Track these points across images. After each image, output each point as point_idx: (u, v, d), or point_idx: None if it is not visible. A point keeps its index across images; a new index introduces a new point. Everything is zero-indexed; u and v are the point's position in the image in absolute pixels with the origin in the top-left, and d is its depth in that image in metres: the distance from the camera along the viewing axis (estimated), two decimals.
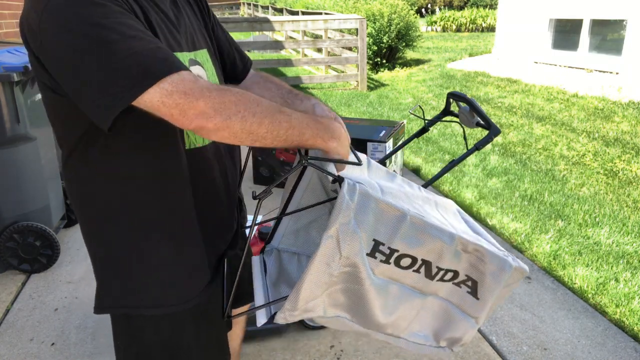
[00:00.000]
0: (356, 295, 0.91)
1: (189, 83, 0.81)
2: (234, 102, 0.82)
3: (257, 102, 0.85)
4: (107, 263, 1.05)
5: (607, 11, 7.82)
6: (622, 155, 4.61)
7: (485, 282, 0.95)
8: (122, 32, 0.80)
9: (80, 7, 0.80)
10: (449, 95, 1.69)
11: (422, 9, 28.73)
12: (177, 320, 1.07)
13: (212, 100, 0.81)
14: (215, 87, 0.84)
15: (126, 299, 1.05)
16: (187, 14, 1.09)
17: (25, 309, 2.47)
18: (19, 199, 2.69)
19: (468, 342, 1.06)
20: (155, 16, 0.95)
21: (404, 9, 10.23)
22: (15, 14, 4.87)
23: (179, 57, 0.94)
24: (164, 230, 1.02)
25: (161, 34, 0.94)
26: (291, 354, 2.15)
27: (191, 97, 0.80)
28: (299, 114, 0.90)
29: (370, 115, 6.55)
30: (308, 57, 10.33)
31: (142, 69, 0.80)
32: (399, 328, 1.00)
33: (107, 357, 2.12)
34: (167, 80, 0.80)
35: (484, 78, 8.43)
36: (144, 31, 0.85)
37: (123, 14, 0.83)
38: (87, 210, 1.04)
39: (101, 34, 0.79)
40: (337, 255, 0.85)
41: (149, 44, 0.82)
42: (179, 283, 1.06)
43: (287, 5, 19.37)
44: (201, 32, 1.12)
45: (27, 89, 2.70)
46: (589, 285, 2.65)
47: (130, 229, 1.01)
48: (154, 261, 1.03)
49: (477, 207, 3.67)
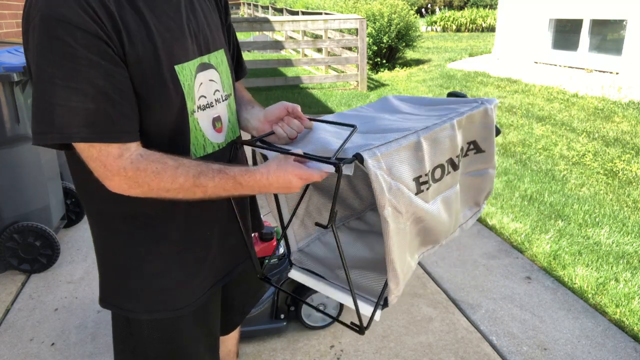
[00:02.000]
0: (427, 228, 1.02)
1: (111, 158, 0.88)
2: (147, 182, 0.89)
3: (173, 179, 0.90)
4: (108, 264, 1.08)
5: (607, 11, 7.82)
6: (622, 155, 4.61)
7: (482, 134, 1.10)
8: (70, 80, 0.83)
9: (49, 39, 0.83)
10: (449, 96, 1.69)
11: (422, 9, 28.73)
12: (173, 324, 1.10)
13: (128, 179, 0.89)
14: (134, 165, 0.88)
15: (124, 301, 1.08)
16: (204, 13, 1.07)
17: (25, 309, 2.47)
18: (19, 199, 2.69)
19: (491, 192, 1.23)
20: (153, 29, 0.92)
21: (404, 9, 10.23)
22: (15, 14, 4.87)
23: (184, 67, 0.96)
24: (163, 238, 1.04)
25: (162, 46, 0.93)
26: (291, 354, 2.15)
27: (109, 172, 0.89)
28: (218, 182, 0.92)
29: None
30: (308, 57, 10.33)
31: (77, 122, 0.84)
32: (458, 220, 1.13)
33: (107, 357, 2.12)
34: (96, 147, 0.87)
35: (484, 78, 8.43)
36: (96, 83, 0.85)
37: (86, 60, 0.84)
38: (90, 211, 1.06)
39: (53, 74, 0.83)
40: (400, 217, 0.93)
41: (90, 103, 0.85)
42: (175, 290, 1.08)
43: (287, 5, 19.37)
44: (218, 31, 1.11)
45: (27, 89, 2.70)
46: (589, 285, 2.65)
47: (129, 235, 1.03)
48: (152, 268, 1.05)
49: None
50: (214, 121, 1.06)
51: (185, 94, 0.97)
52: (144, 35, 0.90)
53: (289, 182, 0.94)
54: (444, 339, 2.25)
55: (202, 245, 1.10)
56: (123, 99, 0.88)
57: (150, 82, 0.91)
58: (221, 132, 1.08)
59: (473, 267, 2.85)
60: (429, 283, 2.69)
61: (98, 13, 0.84)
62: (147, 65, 0.91)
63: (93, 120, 0.85)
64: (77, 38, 0.82)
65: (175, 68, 0.95)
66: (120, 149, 0.88)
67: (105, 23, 0.85)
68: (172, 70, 0.94)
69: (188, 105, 0.98)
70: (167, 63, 0.93)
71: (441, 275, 2.77)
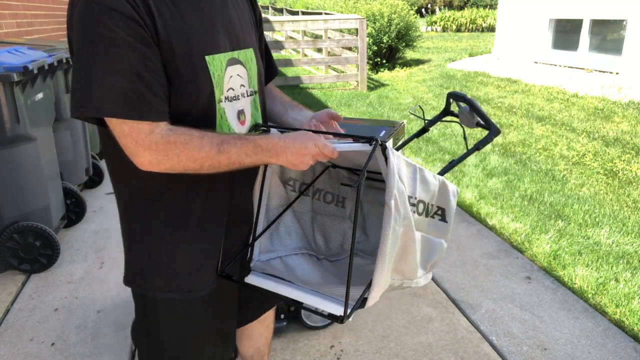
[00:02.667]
0: (405, 251, 1.04)
1: (143, 134, 0.94)
2: (177, 154, 0.96)
3: (199, 147, 0.96)
4: (131, 243, 1.15)
5: (607, 11, 7.82)
6: (622, 155, 4.61)
7: (449, 206, 1.17)
8: (108, 61, 0.91)
9: (90, 22, 0.90)
10: (448, 95, 1.69)
11: (422, 9, 28.73)
12: (184, 307, 1.16)
13: (158, 153, 0.95)
14: (164, 139, 0.95)
15: (141, 279, 1.15)
16: (238, 13, 1.14)
17: (25, 309, 2.47)
18: (19, 199, 2.69)
19: (439, 263, 1.26)
20: (187, 21, 0.99)
21: (404, 9, 10.23)
22: (15, 14, 4.87)
23: (214, 58, 1.03)
24: (183, 222, 1.10)
25: (194, 37, 1.00)
26: (291, 354, 2.15)
27: (140, 148, 0.95)
28: (240, 147, 0.98)
29: (370, 115, 6.54)
30: (308, 57, 10.33)
31: (113, 99, 0.91)
32: (417, 270, 1.14)
33: (107, 357, 2.12)
34: (128, 123, 0.93)
35: (484, 78, 8.43)
36: (132, 65, 0.92)
37: (123, 43, 0.90)
38: (119, 190, 1.13)
39: (93, 54, 0.91)
40: (398, 217, 0.95)
41: (126, 82, 0.92)
42: (190, 273, 1.13)
43: (287, 5, 19.37)
44: (250, 32, 1.18)
45: (27, 89, 2.70)
46: (589, 285, 2.65)
47: (152, 216, 1.09)
48: (170, 249, 1.11)
49: (477, 207, 3.67)
50: (239, 114, 1.12)
51: (214, 83, 1.03)
52: (178, 26, 0.97)
53: (304, 147, 0.98)
54: (444, 339, 2.25)
55: (218, 231, 1.14)
56: (155, 80, 0.94)
57: (181, 69, 0.98)
58: (244, 124, 1.14)
59: (473, 267, 2.85)
60: (429, 283, 2.69)
61: (136, 0, 0.91)
62: (179, 54, 0.97)
63: (127, 99, 0.92)
64: (116, 22, 0.89)
65: (206, 58, 1.01)
66: (151, 125, 0.94)
67: (141, 9, 0.92)
68: (203, 60, 1.01)
69: (216, 94, 1.04)
70: (198, 53, 1.00)
71: (441, 275, 2.77)
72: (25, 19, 5.14)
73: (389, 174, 0.94)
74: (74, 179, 3.53)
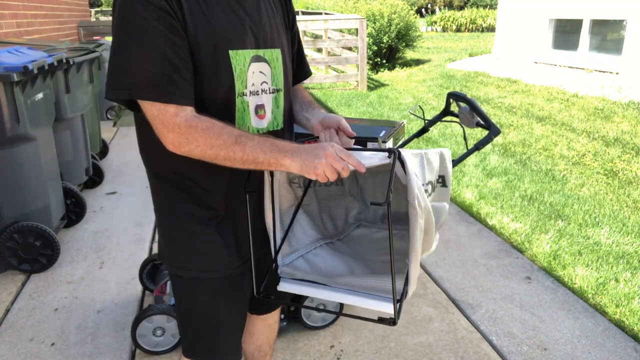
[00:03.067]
0: (428, 233, 1.11)
1: (168, 116, 1.02)
2: (196, 138, 1.02)
3: (218, 134, 1.02)
4: (162, 222, 1.23)
5: (607, 11, 7.82)
6: (622, 155, 4.61)
7: (448, 172, 1.25)
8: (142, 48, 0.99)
9: (128, 12, 1.00)
10: (449, 95, 1.70)
11: (422, 9, 28.74)
12: (213, 287, 1.23)
13: (180, 135, 1.02)
14: (187, 123, 1.02)
15: (171, 257, 1.23)
16: (268, 14, 1.20)
17: (25, 309, 2.47)
18: (19, 199, 2.69)
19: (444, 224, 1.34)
20: (215, 17, 1.07)
21: (404, 9, 10.24)
22: (15, 14, 4.87)
23: (238, 53, 1.10)
24: (206, 204, 1.17)
25: (220, 32, 1.07)
26: (291, 354, 2.15)
27: (165, 129, 1.03)
28: (257, 143, 1.03)
29: (370, 115, 6.55)
30: (308, 57, 10.31)
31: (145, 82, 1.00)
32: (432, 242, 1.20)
33: (107, 357, 2.12)
34: (157, 106, 1.02)
35: (484, 78, 8.43)
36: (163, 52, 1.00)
37: (156, 31, 0.99)
38: (150, 172, 1.21)
39: (129, 42, 1.00)
40: (421, 211, 1.01)
41: (157, 67, 1.00)
42: (210, 254, 1.20)
43: None
44: (279, 33, 1.23)
45: (27, 89, 2.70)
46: (589, 285, 2.65)
47: (179, 196, 1.17)
48: (193, 229, 1.18)
49: (477, 207, 3.67)
50: (257, 108, 1.18)
51: (235, 77, 1.10)
52: (205, 21, 1.05)
53: (323, 149, 0.99)
54: (444, 339, 2.25)
55: (239, 217, 1.19)
56: (183, 66, 1.02)
57: (205, 61, 1.06)
58: (263, 118, 1.20)
59: (473, 267, 2.85)
60: (429, 283, 2.69)
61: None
62: (204, 46, 1.05)
63: (157, 82, 1.00)
64: (150, 12, 0.98)
65: (230, 53, 1.08)
66: (177, 108, 1.02)
67: (173, 3, 1.01)
68: (226, 55, 1.08)
69: (237, 86, 1.11)
70: (222, 48, 1.07)
71: (441, 275, 2.77)
72: (25, 19, 5.15)
73: (409, 180, 1.00)
74: (74, 179, 3.53)
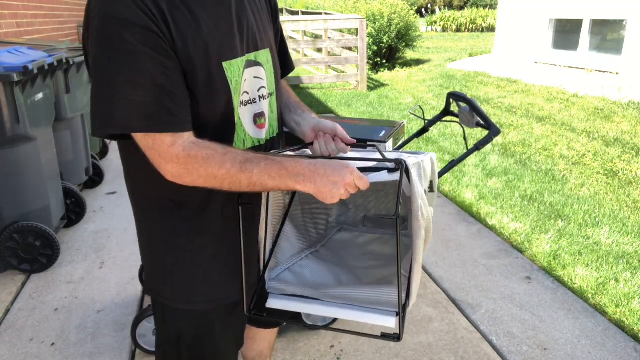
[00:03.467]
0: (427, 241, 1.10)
1: (165, 147, 0.92)
2: (197, 169, 0.94)
3: (221, 164, 0.93)
4: (150, 251, 1.14)
5: (607, 11, 7.82)
6: (622, 155, 4.61)
7: (435, 177, 1.25)
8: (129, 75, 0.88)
9: (108, 36, 0.88)
10: (449, 95, 1.70)
11: (422, 9, 28.75)
12: (205, 316, 1.15)
13: (180, 166, 0.93)
14: (186, 152, 0.93)
15: (161, 288, 1.14)
16: (254, 13, 1.10)
17: (25, 309, 2.47)
18: (19, 199, 2.69)
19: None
20: (204, 27, 0.96)
21: (404, 9, 10.24)
22: (15, 14, 4.87)
23: (231, 64, 1.00)
24: (203, 232, 1.08)
25: (212, 44, 0.97)
26: (291, 354, 2.15)
27: (163, 160, 0.94)
28: (264, 168, 0.94)
29: (370, 115, 6.55)
30: (308, 57, 10.33)
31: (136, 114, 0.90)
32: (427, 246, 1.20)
33: (107, 357, 2.12)
34: (151, 136, 0.92)
35: (484, 78, 8.43)
36: (153, 77, 0.90)
37: (143, 55, 0.88)
38: (136, 199, 1.12)
39: (113, 70, 0.89)
40: (423, 221, 0.99)
41: (148, 96, 0.90)
42: (208, 284, 1.12)
43: (287, 5, 19.35)
44: (266, 31, 1.14)
45: (27, 89, 2.70)
46: (589, 285, 2.65)
47: (172, 225, 1.08)
48: (189, 259, 1.09)
49: (477, 207, 3.67)
50: (256, 117, 1.09)
51: (232, 90, 1.01)
52: (194, 33, 0.94)
53: (338, 175, 0.92)
54: (444, 339, 2.25)
55: (236, 244, 1.11)
56: (177, 91, 0.93)
57: (199, 77, 0.96)
58: (263, 128, 1.11)
59: (473, 267, 2.85)
60: (429, 283, 2.69)
61: (151, 9, 0.89)
62: (197, 62, 0.95)
63: (150, 111, 0.90)
64: (134, 34, 0.87)
65: (224, 65, 0.99)
66: (174, 137, 0.93)
67: (158, 18, 0.89)
68: (220, 67, 0.99)
69: (234, 100, 1.02)
70: (216, 60, 0.97)
71: (441, 275, 2.77)
72: (25, 19, 5.15)
73: (414, 191, 0.97)
74: (74, 179, 3.53)
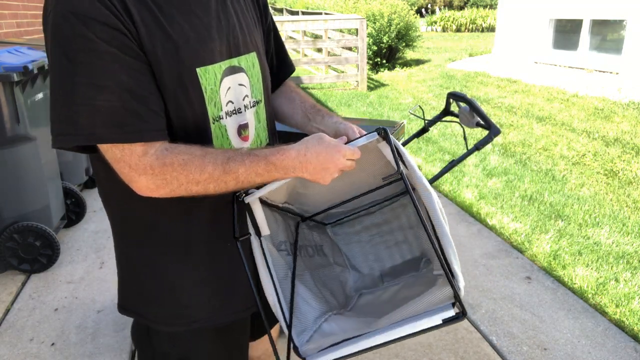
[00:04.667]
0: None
1: (135, 157, 0.82)
2: (176, 177, 0.84)
3: (202, 168, 0.84)
4: (129, 271, 1.05)
5: (607, 11, 7.82)
6: (622, 155, 4.61)
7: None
8: (93, 77, 0.79)
9: (67, 35, 0.79)
10: (448, 95, 1.69)
11: (422, 9, 28.76)
12: (190, 339, 1.07)
13: (155, 177, 0.83)
14: (160, 161, 0.83)
15: (144, 309, 1.05)
16: (237, 14, 1.01)
17: (25, 309, 2.47)
18: (19, 199, 2.69)
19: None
20: (175, 29, 0.87)
21: (404, 9, 10.24)
22: (15, 14, 4.87)
23: (207, 70, 0.90)
24: (182, 252, 1.00)
25: (184, 47, 0.88)
26: (291, 354, 2.14)
27: (135, 173, 0.83)
28: (249, 166, 0.86)
29: (370, 115, 6.55)
30: (308, 57, 10.33)
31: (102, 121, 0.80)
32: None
33: (107, 357, 2.12)
34: (119, 147, 0.82)
35: (484, 78, 8.43)
36: (120, 79, 0.80)
37: (108, 55, 0.79)
38: (113, 217, 1.03)
39: (74, 72, 0.79)
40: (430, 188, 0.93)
41: (116, 100, 0.80)
42: (194, 305, 1.03)
43: (287, 5, 19.36)
44: (252, 33, 1.05)
45: (27, 89, 2.70)
46: (589, 285, 2.65)
47: (149, 246, 1.00)
48: (173, 280, 1.01)
49: (477, 207, 3.67)
50: (240, 129, 1.00)
51: (206, 100, 0.91)
52: (164, 35, 0.85)
53: (333, 163, 0.88)
54: (444, 339, 2.25)
55: (227, 261, 1.04)
56: (148, 94, 0.83)
57: (167, 84, 0.86)
58: (247, 140, 1.02)
59: (473, 267, 2.85)
60: None
61: (115, 5, 0.80)
62: (165, 66, 0.85)
63: (117, 119, 0.80)
64: (97, 32, 0.78)
65: (197, 71, 0.89)
66: (145, 146, 0.83)
67: (123, 15, 0.80)
68: (194, 73, 0.89)
69: (210, 111, 0.92)
70: (188, 65, 0.88)
71: None
72: (25, 19, 5.14)
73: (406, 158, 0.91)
74: (74, 179, 3.53)
